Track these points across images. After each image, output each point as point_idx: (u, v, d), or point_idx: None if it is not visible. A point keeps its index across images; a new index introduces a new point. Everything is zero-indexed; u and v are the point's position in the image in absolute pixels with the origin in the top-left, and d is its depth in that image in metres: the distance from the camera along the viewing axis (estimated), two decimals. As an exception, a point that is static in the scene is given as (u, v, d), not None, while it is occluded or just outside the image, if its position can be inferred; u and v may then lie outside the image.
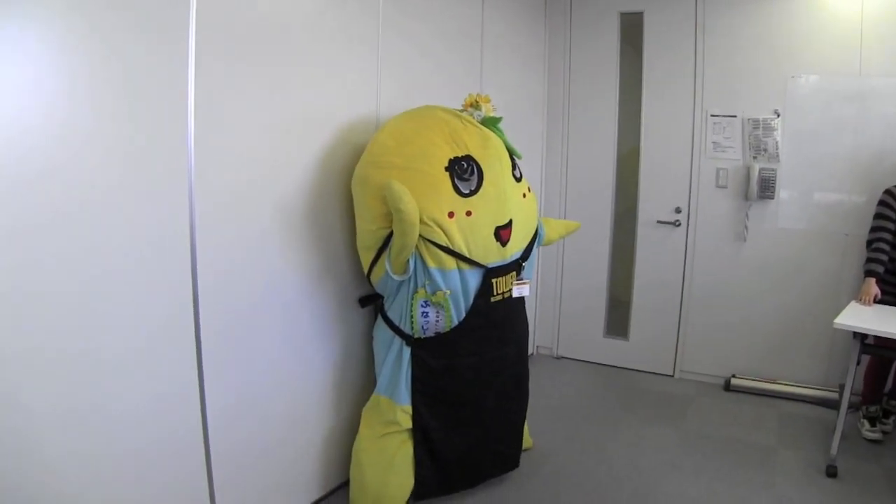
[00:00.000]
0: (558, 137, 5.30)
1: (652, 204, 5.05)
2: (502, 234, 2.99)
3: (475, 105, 3.16)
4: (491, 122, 3.17)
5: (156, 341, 2.30)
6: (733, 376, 4.85)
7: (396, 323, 3.05)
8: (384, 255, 2.94)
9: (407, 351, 3.02)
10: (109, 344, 2.14)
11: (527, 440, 3.70)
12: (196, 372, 2.48)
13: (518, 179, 3.17)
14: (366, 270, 3.09)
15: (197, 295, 2.43)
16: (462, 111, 3.15)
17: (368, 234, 2.97)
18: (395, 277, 2.92)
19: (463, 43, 4.09)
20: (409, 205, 2.68)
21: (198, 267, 2.42)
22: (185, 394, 2.45)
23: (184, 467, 2.48)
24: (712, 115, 4.73)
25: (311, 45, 2.89)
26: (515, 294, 3.17)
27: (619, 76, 5.07)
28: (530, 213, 3.26)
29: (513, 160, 3.19)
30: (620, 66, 5.07)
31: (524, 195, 3.20)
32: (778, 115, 4.52)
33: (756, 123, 4.58)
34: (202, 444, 2.54)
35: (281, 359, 2.92)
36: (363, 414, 3.19)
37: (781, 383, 4.68)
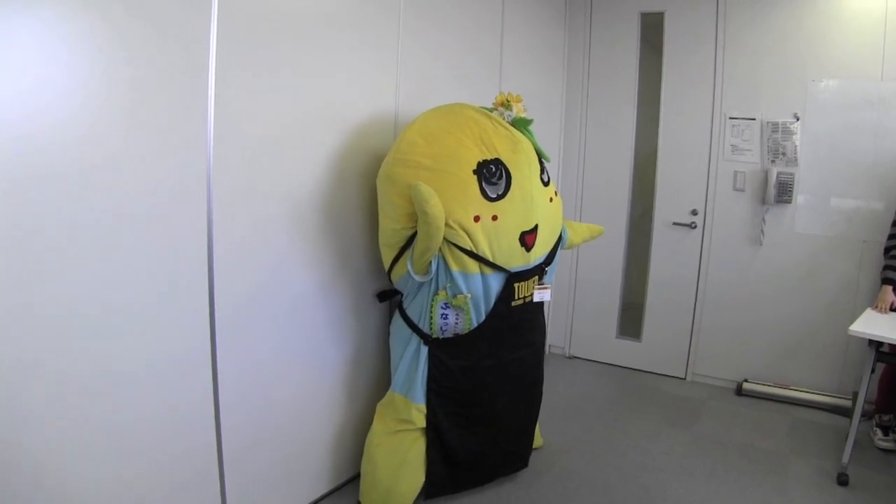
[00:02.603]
0: (576, 137, 5.28)
1: (668, 205, 5.03)
2: (527, 239, 2.96)
3: (506, 105, 3.11)
4: (521, 124, 3.12)
5: (169, 332, 2.32)
6: (745, 381, 4.83)
7: (416, 321, 3.04)
8: (406, 255, 2.93)
9: (424, 350, 3.01)
10: (126, 342, 2.17)
11: (537, 439, 3.70)
12: (210, 361, 2.49)
13: (546, 183, 3.12)
14: (386, 267, 3.09)
15: (212, 287, 2.45)
16: (492, 110, 3.12)
17: (392, 233, 2.95)
18: (417, 278, 2.91)
19: (482, 42, 4.08)
20: (436, 208, 2.66)
21: (214, 259, 2.44)
22: (197, 382, 2.47)
23: (195, 456, 2.49)
24: (731, 118, 4.71)
25: (331, 44, 2.89)
26: (536, 299, 3.16)
27: (638, 77, 5.05)
28: (556, 217, 3.23)
29: (541, 163, 3.14)
30: (640, 67, 5.04)
31: (551, 199, 3.16)
32: (797, 119, 4.49)
33: (775, 127, 4.55)
34: (214, 434, 2.55)
35: (295, 351, 2.93)
36: (377, 409, 3.19)
37: (794, 389, 4.66)
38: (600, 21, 5.14)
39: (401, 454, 3.06)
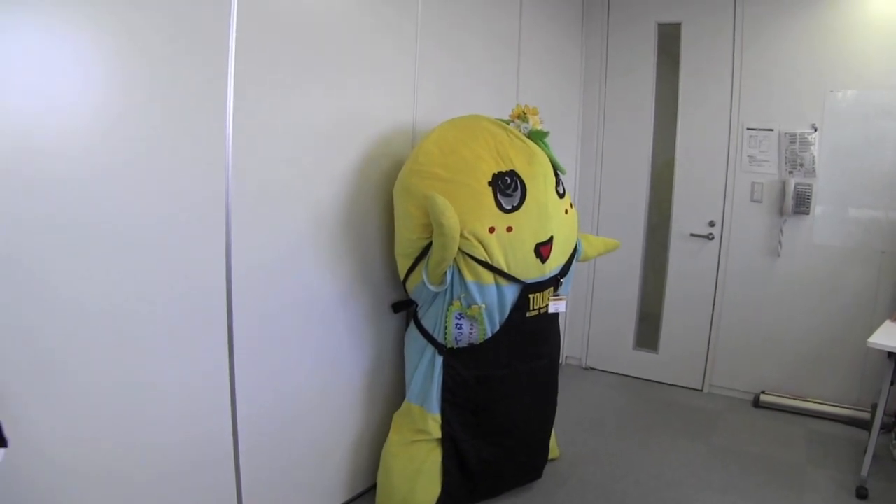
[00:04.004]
0: (593, 147, 5.29)
1: (686, 216, 5.02)
2: (542, 250, 2.97)
3: (522, 117, 3.13)
4: (537, 136, 3.13)
5: (188, 341, 2.34)
6: (763, 392, 4.80)
7: (430, 331, 3.05)
8: (421, 265, 2.94)
9: (439, 360, 3.03)
10: (144, 345, 2.19)
11: (553, 450, 3.68)
12: (227, 371, 2.51)
13: (561, 195, 3.13)
14: (402, 277, 3.11)
15: (231, 294, 2.47)
16: (509, 122, 3.13)
17: (408, 243, 2.97)
18: (432, 288, 2.92)
19: (500, 53, 4.10)
20: (452, 219, 2.67)
21: (232, 267, 2.46)
22: (215, 391, 2.49)
23: (213, 465, 2.51)
24: (749, 129, 4.70)
25: (349, 52, 2.91)
26: (552, 310, 3.16)
27: (655, 87, 5.05)
28: (571, 228, 3.23)
29: (557, 175, 3.15)
30: (657, 78, 5.05)
31: (566, 211, 3.16)
32: (815, 130, 4.47)
33: (793, 137, 4.53)
34: (231, 443, 2.57)
35: (312, 361, 2.94)
36: (394, 420, 3.20)
37: (812, 401, 4.62)
38: (617, 32, 5.16)
39: (417, 464, 3.06)
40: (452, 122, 3.11)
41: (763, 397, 4.76)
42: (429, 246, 2.88)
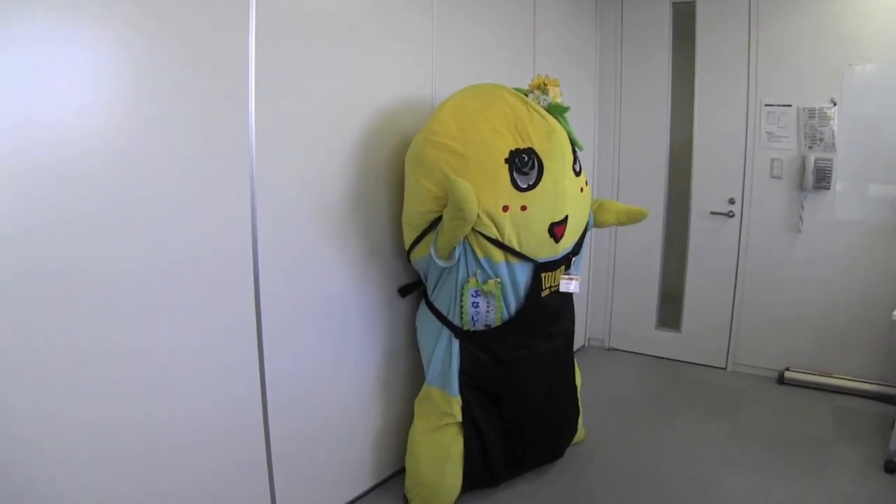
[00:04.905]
0: (610, 128, 5.28)
1: (705, 195, 5.00)
2: (557, 230, 2.91)
3: (542, 88, 3.02)
4: (557, 111, 3.03)
5: (218, 332, 2.39)
6: (787, 369, 4.79)
7: (444, 313, 3.03)
8: (429, 237, 2.90)
9: (456, 343, 3.01)
10: (173, 339, 2.23)
11: (580, 433, 3.70)
12: (257, 363, 2.56)
13: (577, 174, 3.05)
14: (407, 247, 3.07)
15: (258, 283, 2.51)
16: (528, 93, 3.04)
17: (415, 214, 2.93)
18: (440, 262, 2.86)
19: (514, 34, 4.10)
20: (473, 207, 2.62)
21: (259, 258, 2.50)
22: (245, 383, 2.54)
23: (244, 453, 2.56)
24: (766, 105, 4.67)
25: (366, 40, 2.93)
26: (563, 289, 3.11)
27: (671, 66, 5.03)
28: (585, 207, 3.17)
29: (574, 153, 3.05)
30: (672, 57, 5.02)
31: (581, 189, 3.09)
32: (834, 104, 4.43)
33: (812, 112, 4.50)
34: (262, 431, 2.62)
35: (333, 348, 2.98)
36: (416, 405, 3.21)
37: (837, 377, 4.61)
38: (632, 12, 5.14)
39: (443, 450, 3.08)
40: (472, 90, 3.05)
41: (787, 374, 4.75)
42: (437, 219, 2.84)
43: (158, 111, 2.10)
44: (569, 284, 3.12)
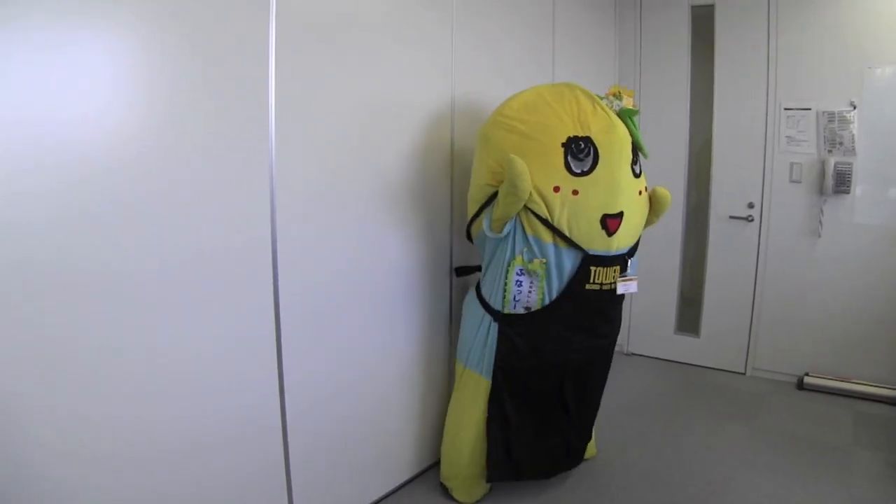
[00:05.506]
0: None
1: (724, 199, 4.99)
2: (610, 223, 2.93)
3: (617, 95, 3.14)
4: (626, 114, 3.09)
5: (236, 332, 2.41)
6: (807, 374, 4.76)
7: (487, 298, 3.09)
8: (485, 212, 3.01)
9: (494, 327, 3.05)
10: (189, 339, 2.25)
11: (590, 450, 3.67)
12: (276, 365, 2.57)
13: (637, 175, 3.08)
14: (468, 221, 3.19)
15: (277, 280, 2.52)
16: (603, 98, 3.12)
17: (477, 188, 3.06)
18: (490, 234, 2.96)
19: (534, 38, 4.12)
20: (525, 183, 2.75)
21: (278, 255, 2.51)
22: (263, 377, 2.55)
23: (261, 455, 2.57)
24: (786, 109, 4.65)
25: (386, 45, 2.96)
26: (620, 290, 3.11)
27: (690, 70, 5.03)
28: (643, 210, 3.19)
29: (636, 155, 3.09)
30: (692, 60, 5.02)
31: (640, 192, 3.12)
32: (854, 108, 4.42)
33: (831, 116, 4.48)
34: (279, 423, 2.63)
35: (364, 340, 3.01)
36: (454, 392, 3.27)
37: (857, 382, 4.58)
38: (651, 14, 5.14)
39: (480, 438, 3.13)
40: (547, 86, 3.17)
41: (807, 379, 4.72)
42: (494, 195, 2.95)
43: (176, 111, 2.12)
44: (627, 286, 3.13)
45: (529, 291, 2.97)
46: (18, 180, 1.73)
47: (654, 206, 3.25)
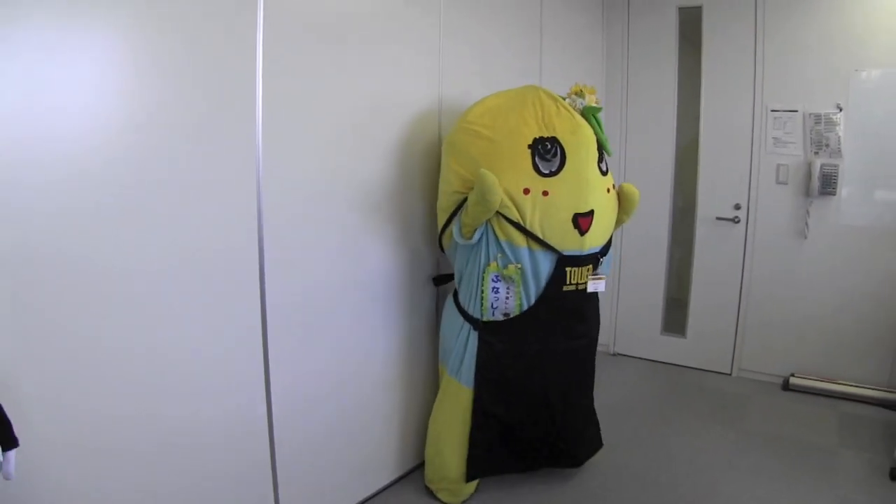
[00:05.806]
0: (616, 133, 5.27)
1: (711, 200, 5.00)
2: (581, 222, 2.94)
3: (580, 93, 3.14)
4: (590, 112, 3.10)
5: (223, 332, 2.40)
6: (792, 375, 4.78)
7: (465, 306, 3.09)
8: (455, 218, 3.01)
9: (474, 335, 3.06)
10: (177, 339, 2.24)
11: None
12: (262, 366, 2.56)
13: (604, 173, 3.10)
14: (439, 232, 3.20)
15: (263, 281, 2.51)
16: (566, 98, 3.13)
17: (445, 197, 3.08)
18: (460, 241, 2.96)
19: (521, 38, 4.12)
20: (496, 196, 2.75)
21: (265, 255, 2.50)
22: (250, 378, 2.54)
23: (248, 451, 2.57)
24: (772, 110, 4.66)
25: (373, 46, 2.95)
26: (591, 289, 3.13)
27: (677, 72, 5.03)
28: (613, 207, 3.20)
29: (601, 153, 3.10)
30: (679, 62, 5.02)
31: (608, 190, 3.13)
32: (840, 110, 4.43)
33: (818, 118, 4.50)
34: (266, 424, 2.62)
35: (350, 343, 3.01)
36: (438, 397, 3.28)
37: (842, 383, 4.60)
38: (638, 16, 5.14)
39: (463, 439, 3.13)
40: (509, 91, 3.19)
41: (793, 380, 4.74)
42: (463, 202, 2.95)
43: (162, 107, 2.11)
44: (597, 285, 3.14)
45: (507, 297, 2.99)
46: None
47: (624, 203, 3.26)
